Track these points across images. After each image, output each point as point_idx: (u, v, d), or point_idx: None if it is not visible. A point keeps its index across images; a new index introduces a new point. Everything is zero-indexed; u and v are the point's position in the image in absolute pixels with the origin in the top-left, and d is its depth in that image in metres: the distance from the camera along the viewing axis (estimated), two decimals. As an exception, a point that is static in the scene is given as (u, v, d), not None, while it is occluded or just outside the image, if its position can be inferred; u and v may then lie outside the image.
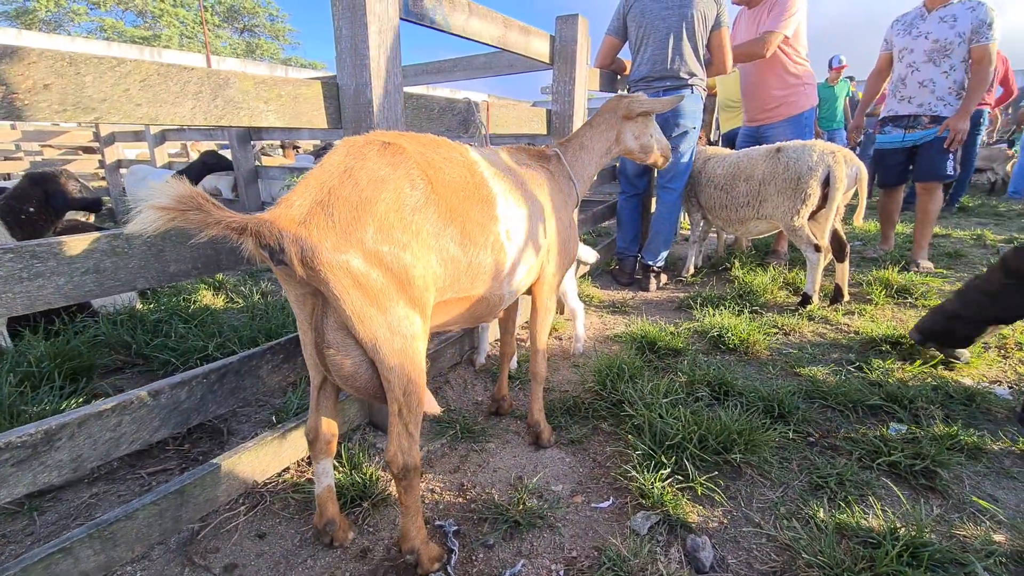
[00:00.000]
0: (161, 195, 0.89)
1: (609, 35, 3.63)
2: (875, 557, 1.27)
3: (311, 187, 1.09)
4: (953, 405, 2.04)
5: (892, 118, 3.95)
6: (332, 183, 1.10)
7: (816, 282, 3.10)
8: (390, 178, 1.16)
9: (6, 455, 1.09)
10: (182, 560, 1.39)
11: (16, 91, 1.02)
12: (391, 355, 1.16)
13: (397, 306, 1.15)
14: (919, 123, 3.79)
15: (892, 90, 3.97)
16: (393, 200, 1.14)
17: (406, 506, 1.29)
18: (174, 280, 1.35)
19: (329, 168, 1.13)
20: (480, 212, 1.37)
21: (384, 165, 1.17)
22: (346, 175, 1.12)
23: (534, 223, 1.60)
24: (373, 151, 1.19)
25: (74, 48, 13.04)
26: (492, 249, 1.41)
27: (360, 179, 1.12)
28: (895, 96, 3.92)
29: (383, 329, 1.14)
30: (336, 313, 1.15)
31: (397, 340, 1.16)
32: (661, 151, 2.12)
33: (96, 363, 2.36)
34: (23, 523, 1.55)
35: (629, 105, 1.99)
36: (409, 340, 1.19)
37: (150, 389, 1.32)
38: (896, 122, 3.93)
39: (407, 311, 1.18)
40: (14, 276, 1.06)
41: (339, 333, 1.19)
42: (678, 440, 1.70)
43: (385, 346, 1.15)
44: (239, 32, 31.24)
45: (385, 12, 1.60)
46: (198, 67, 1.29)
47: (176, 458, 1.86)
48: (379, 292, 1.12)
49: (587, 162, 1.98)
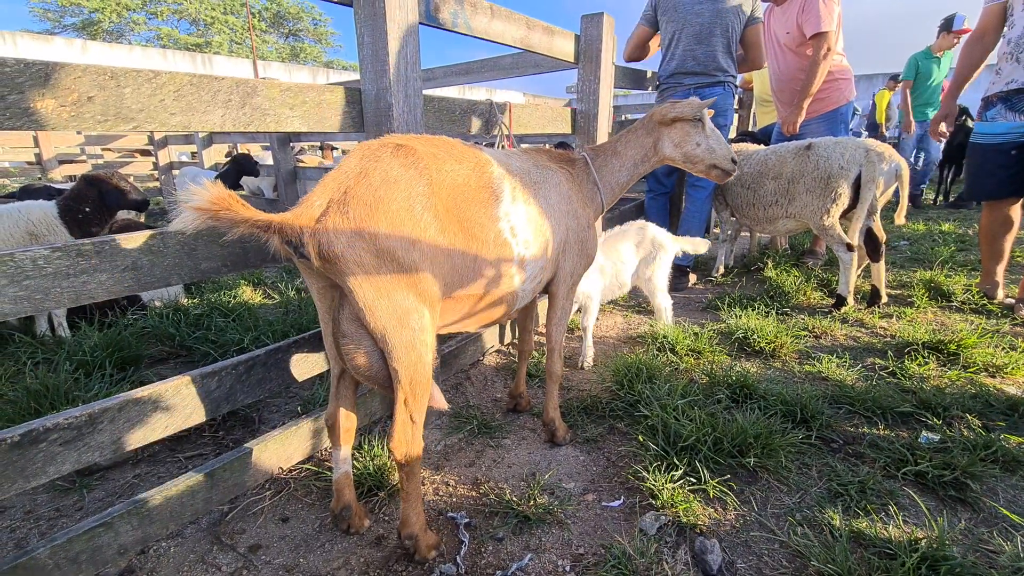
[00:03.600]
0: (198, 197, 0.99)
1: (642, 24, 3.60)
2: (891, 568, 1.24)
3: (329, 187, 1.17)
4: (993, 414, 1.93)
5: (1004, 95, 2.68)
6: (348, 183, 1.17)
7: (850, 283, 2.99)
8: (402, 178, 1.22)
9: (54, 435, 1.19)
10: (211, 539, 1.49)
11: (64, 103, 1.12)
12: (399, 346, 1.22)
13: (406, 299, 1.21)
14: None
15: (1005, 55, 2.72)
16: (405, 199, 1.20)
17: (407, 492, 1.34)
18: (205, 276, 1.44)
19: (346, 170, 1.20)
20: (483, 210, 1.41)
21: (397, 166, 1.23)
22: (361, 176, 1.18)
23: (546, 221, 1.62)
24: (387, 153, 1.25)
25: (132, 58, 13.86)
26: (496, 245, 1.44)
27: (374, 179, 1.18)
28: (1011, 60, 2.66)
29: (392, 321, 1.20)
30: (350, 305, 1.22)
31: (406, 332, 1.22)
32: (714, 162, 1.88)
33: (143, 353, 2.53)
34: (74, 499, 1.68)
35: (662, 110, 1.87)
36: (417, 332, 1.24)
37: (183, 379, 1.42)
38: (1011, 101, 2.66)
39: (416, 304, 1.23)
40: (61, 272, 1.16)
41: (353, 324, 1.26)
42: (691, 442, 1.68)
43: (394, 337, 1.21)
44: (284, 37, 32.36)
45: (405, 19, 1.65)
46: (228, 77, 1.38)
47: (211, 444, 1.98)
48: (389, 285, 1.18)
49: (618, 167, 1.91)
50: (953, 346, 2.38)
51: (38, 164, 7.36)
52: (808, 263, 4.04)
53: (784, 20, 3.70)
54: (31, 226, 2.61)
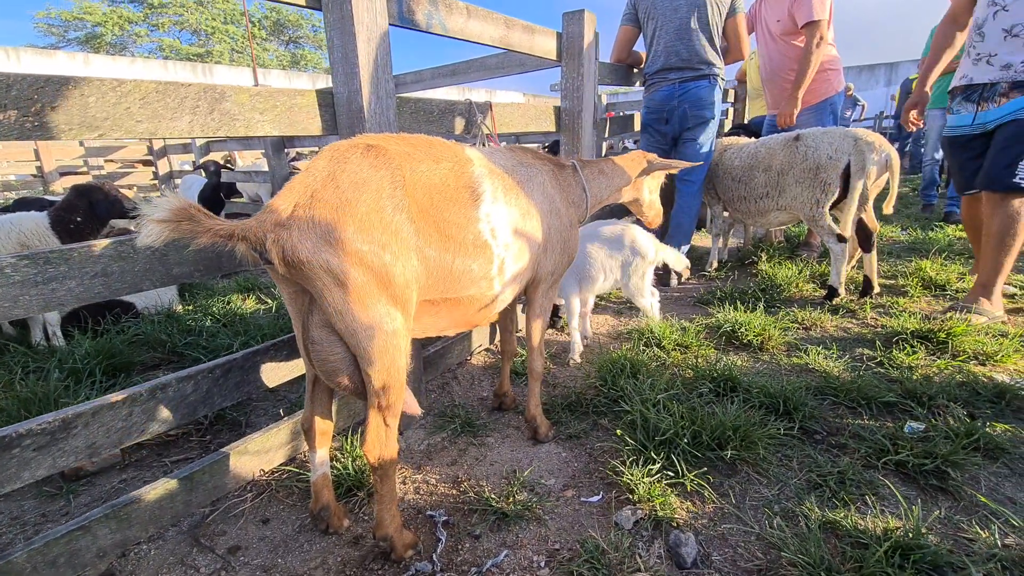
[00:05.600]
0: (160, 209, 0.99)
1: (624, 24, 3.59)
2: (863, 558, 1.23)
3: (295, 191, 1.16)
4: (979, 402, 1.92)
5: (963, 89, 2.67)
6: (315, 187, 1.16)
7: (841, 274, 2.97)
8: (371, 180, 1.20)
9: (28, 440, 1.21)
10: (191, 541, 1.50)
11: (27, 114, 1.14)
12: (371, 351, 1.21)
13: (378, 303, 1.20)
14: (994, 94, 2.51)
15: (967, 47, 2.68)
16: (374, 201, 1.18)
17: (381, 495, 1.34)
18: (178, 281, 1.46)
19: (314, 173, 1.19)
20: (460, 211, 1.39)
21: (367, 167, 1.22)
22: (329, 179, 1.17)
23: (528, 222, 1.60)
24: (356, 154, 1.23)
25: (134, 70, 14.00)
26: (474, 247, 1.43)
27: (342, 182, 1.17)
28: (969, 55, 2.63)
29: (363, 325, 1.19)
30: (320, 311, 1.22)
31: (377, 337, 1.21)
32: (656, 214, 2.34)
33: (135, 360, 2.56)
34: (60, 504, 1.71)
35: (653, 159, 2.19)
36: (389, 337, 1.23)
37: (158, 383, 1.43)
38: (969, 94, 2.64)
39: (387, 308, 1.22)
40: (29, 280, 1.18)
41: (323, 330, 1.25)
42: (669, 435, 1.68)
43: (365, 342, 1.20)
44: (285, 44, 32.58)
45: (373, 22, 1.66)
46: (195, 83, 1.39)
47: (198, 448, 2.00)
48: (359, 289, 1.17)
49: (603, 186, 2.06)
50: (943, 334, 2.36)
51: (40, 176, 7.46)
52: (803, 256, 4.02)
53: (775, 8, 3.68)
54: (23, 237, 2.65)
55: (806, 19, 3.40)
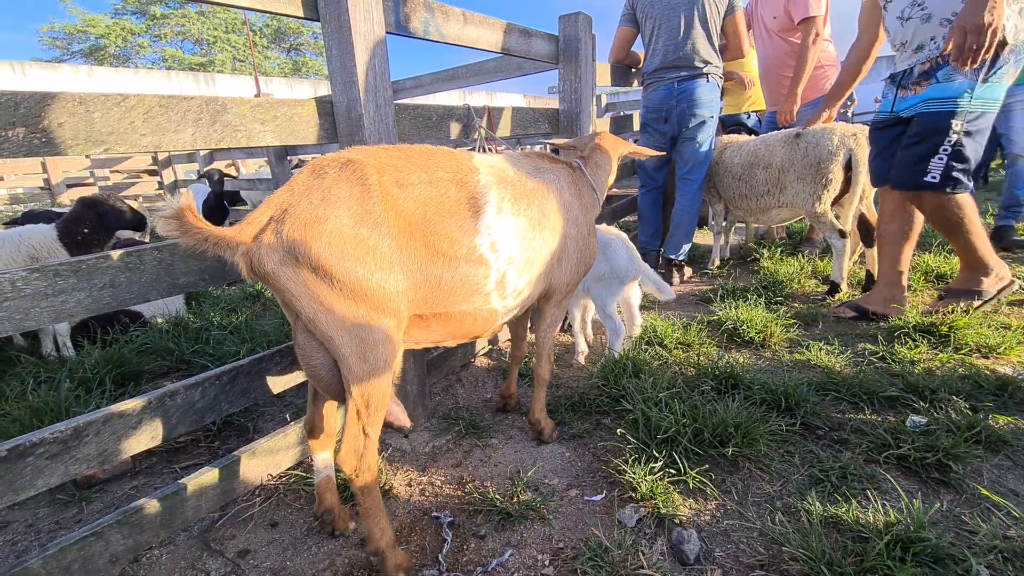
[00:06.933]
0: (168, 207, 1.08)
1: (622, 25, 3.61)
2: (863, 552, 1.24)
3: (273, 205, 1.18)
4: (982, 395, 1.92)
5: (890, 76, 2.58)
6: (291, 202, 1.17)
7: (843, 269, 2.97)
8: (344, 196, 1.19)
9: (41, 449, 1.24)
10: (201, 545, 1.53)
11: (35, 131, 1.17)
12: (348, 357, 1.21)
13: (355, 312, 1.19)
14: (909, 81, 2.42)
15: None
16: (346, 216, 1.17)
17: (365, 509, 1.31)
18: (184, 291, 1.49)
19: (293, 187, 1.20)
20: (456, 224, 1.36)
21: (342, 183, 1.20)
22: (304, 193, 1.18)
23: (539, 232, 1.56)
24: (333, 170, 1.22)
25: (137, 81, 14.15)
26: (467, 262, 1.39)
27: (314, 197, 1.17)
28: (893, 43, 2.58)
29: (340, 334, 1.20)
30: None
31: (354, 344, 1.21)
32: None
33: (144, 369, 2.59)
34: (74, 511, 1.74)
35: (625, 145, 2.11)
36: (369, 345, 1.22)
37: (166, 391, 1.46)
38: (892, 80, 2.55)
39: (366, 315, 1.21)
40: (40, 293, 1.21)
41: (304, 335, 1.28)
42: (671, 434, 1.69)
43: (343, 350, 1.21)
44: (286, 52, 32.77)
45: (371, 31, 1.69)
46: (197, 96, 1.42)
47: (207, 454, 2.03)
48: (333, 301, 1.17)
49: (602, 181, 2.00)
50: (944, 328, 2.35)
51: (47, 188, 7.56)
52: (805, 252, 4.01)
53: (772, 5, 3.69)
54: (32, 250, 2.69)
55: (802, 15, 3.40)
